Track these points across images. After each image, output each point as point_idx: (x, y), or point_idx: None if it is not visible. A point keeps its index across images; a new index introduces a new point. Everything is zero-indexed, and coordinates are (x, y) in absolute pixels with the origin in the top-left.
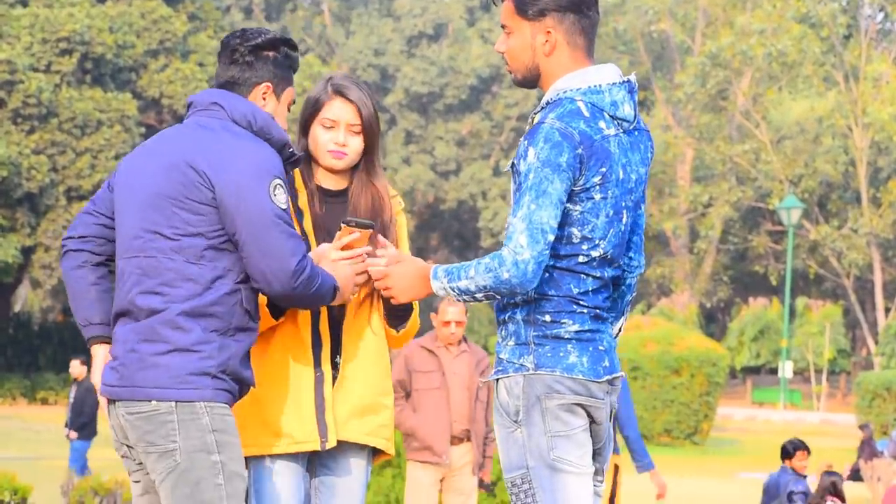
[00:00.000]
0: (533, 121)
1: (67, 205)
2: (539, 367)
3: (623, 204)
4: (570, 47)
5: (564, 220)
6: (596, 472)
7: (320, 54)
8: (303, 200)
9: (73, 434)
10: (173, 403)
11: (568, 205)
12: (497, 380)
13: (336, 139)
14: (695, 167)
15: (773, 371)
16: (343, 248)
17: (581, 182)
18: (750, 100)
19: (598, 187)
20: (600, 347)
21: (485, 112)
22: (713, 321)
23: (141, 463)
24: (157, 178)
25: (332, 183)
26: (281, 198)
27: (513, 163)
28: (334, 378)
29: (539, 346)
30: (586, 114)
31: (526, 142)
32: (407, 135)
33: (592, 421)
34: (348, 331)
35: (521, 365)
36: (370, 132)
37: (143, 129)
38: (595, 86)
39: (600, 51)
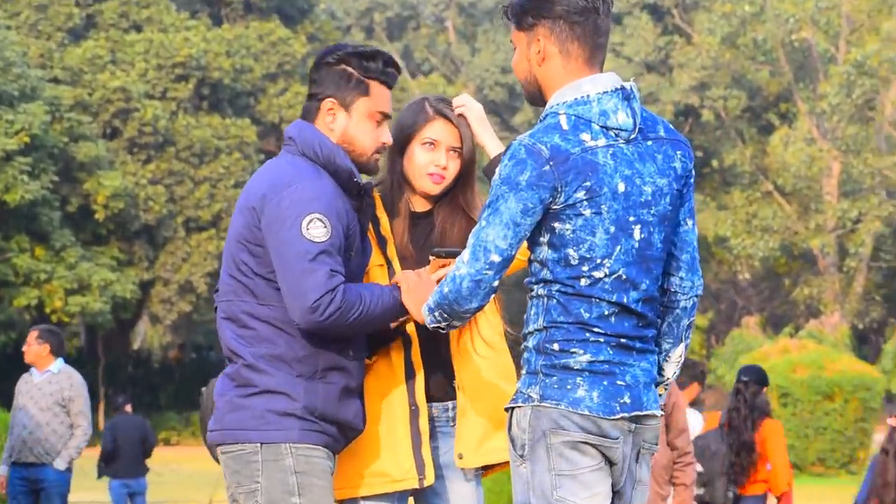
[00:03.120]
0: None
1: (186, 236)
2: (544, 398)
3: (631, 219)
4: (564, 56)
5: (559, 242)
6: None
7: (445, 73)
8: (385, 226)
9: None
10: (258, 445)
11: (556, 224)
12: (510, 410)
13: (437, 160)
14: (842, 181)
15: None
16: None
17: (561, 199)
18: None
19: (584, 203)
20: (619, 382)
21: None
22: (866, 343)
23: None
24: (234, 219)
25: (421, 205)
26: (317, 232)
27: None
28: (443, 409)
29: (547, 376)
30: (565, 127)
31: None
32: None
33: (607, 460)
34: (458, 353)
35: (528, 396)
36: (469, 157)
37: (262, 156)
38: (583, 97)
39: (738, 62)
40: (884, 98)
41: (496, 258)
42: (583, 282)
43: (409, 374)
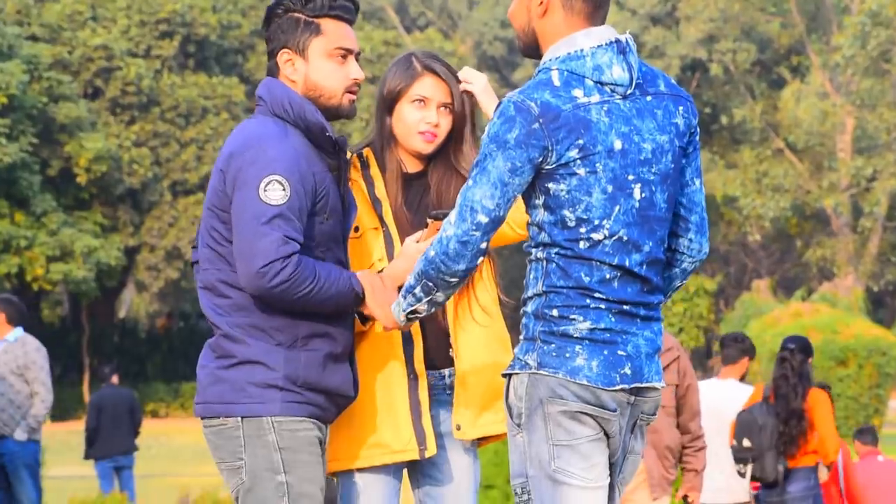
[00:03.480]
0: None
1: (173, 200)
2: (542, 366)
3: (630, 178)
4: (566, 10)
5: (554, 203)
6: (612, 487)
7: (441, 28)
8: (380, 188)
9: None
10: (240, 419)
11: (550, 185)
12: (507, 377)
13: (429, 118)
14: (856, 137)
15: None
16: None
17: (552, 158)
18: None
19: (578, 161)
20: (620, 352)
21: None
22: (882, 306)
23: None
24: (209, 184)
25: (413, 165)
26: (274, 194)
27: None
28: (442, 377)
29: (545, 343)
30: (556, 83)
31: None
32: None
33: (604, 431)
34: (456, 320)
35: (526, 363)
36: (461, 113)
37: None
38: (577, 51)
39: (748, 13)
40: None
41: (483, 218)
42: (581, 244)
43: (407, 342)
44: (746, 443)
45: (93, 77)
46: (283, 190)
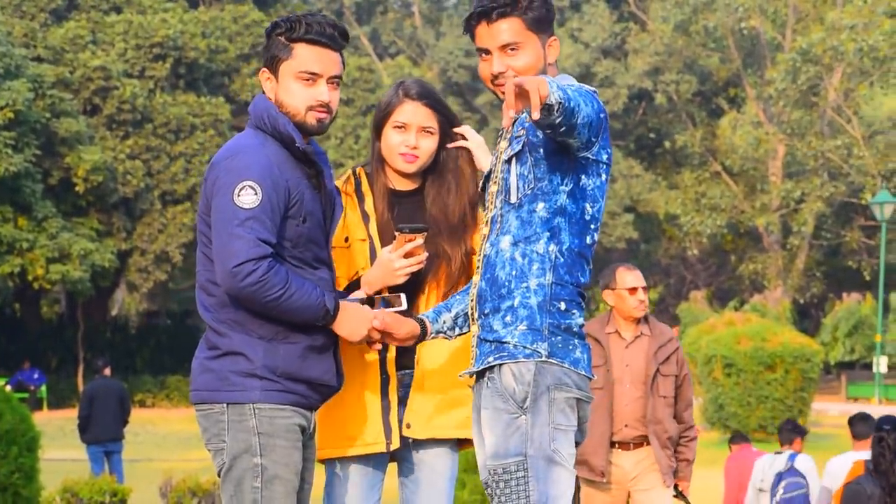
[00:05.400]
0: (525, 116)
1: (162, 209)
2: (552, 355)
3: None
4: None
5: (580, 194)
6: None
7: (411, 56)
8: (369, 204)
9: None
10: (225, 405)
11: (582, 175)
12: (501, 365)
13: (407, 142)
14: (787, 163)
15: (868, 366)
16: (406, 256)
17: (594, 149)
18: (841, 95)
19: (604, 166)
20: (587, 346)
21: None
22: (807, 317)
23: None
24: (201, 192)
25: (403, 184)
26: (247, 199)
27: (525, 142)
28: (412, 377)
29: (552, 335)
30: None
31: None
32: (498, 134)
33: (581, 421)
34: None
35: (535, 351)
36: (445, 134)
37: (235, 133)
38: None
39: (690, 48)
40: (827, 84)
41: (595, 110)
42: (587, 240)
43: (382, 346)
44: None
45: (92, 95)
46: (256, 194)
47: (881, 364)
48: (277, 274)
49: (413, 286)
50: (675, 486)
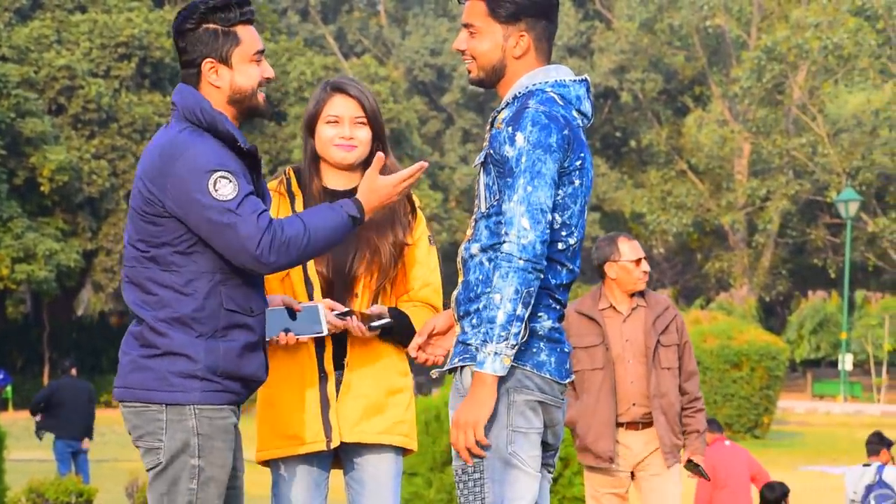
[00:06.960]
0: (494, 120)
1: (128, 209)
2: (513, 358)
3: (587, 196)
4: (537, 51)
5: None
6: (546, 466)
7: (376, 55)
8: (299, 204)
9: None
10: (163, 405)
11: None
12: (463, 367)
13: (342, 133)
14: (752, 161)
15: (833, 364)
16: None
17: (566, 164)
18: (806, 93)
19: (577, 172)
20: (565, 349)
21: None
22: (772, 315)
23: None
24: (134, 188)
25: (340, 182)
26: (224, 191)
27: (488, 153)
28: (340, 380)
29: None
30: (560, 103)
31: (510, 128)
32: (464, 134)
33: (548, 424)
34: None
35: None
36: (376, 123)
37: None
38: (560, 80)
39: (655, 47)
40: (792, 82)
41: (549, 217)
42: (559, 246)
43: (319, 343)
44: None
45: (57, 95)
46: (231, 182)
47: (846, 362)
48: (290, 226)
49: (345, 280)
50: (689, 461)
